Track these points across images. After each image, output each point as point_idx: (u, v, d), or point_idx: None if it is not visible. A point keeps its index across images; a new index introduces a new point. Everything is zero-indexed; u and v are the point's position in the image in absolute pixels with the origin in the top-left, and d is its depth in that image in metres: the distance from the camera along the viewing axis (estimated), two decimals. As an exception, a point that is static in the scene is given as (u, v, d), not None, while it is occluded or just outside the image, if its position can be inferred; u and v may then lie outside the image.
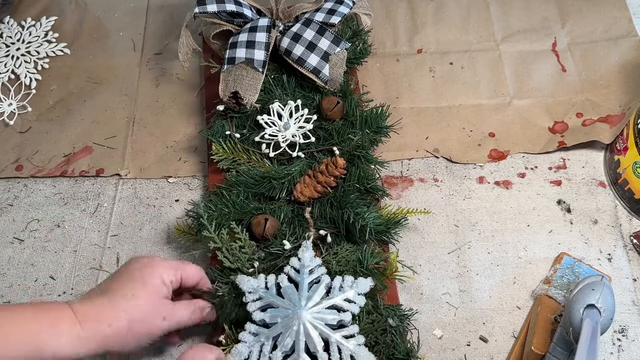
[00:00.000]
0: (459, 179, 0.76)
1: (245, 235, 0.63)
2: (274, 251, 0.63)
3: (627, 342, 0.65)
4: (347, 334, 0.55)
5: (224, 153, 0.69)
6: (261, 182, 0.66)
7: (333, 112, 0.71)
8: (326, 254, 0.63)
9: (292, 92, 0.74)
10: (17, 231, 0.73)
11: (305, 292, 0.57)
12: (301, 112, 0.71)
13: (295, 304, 0.56)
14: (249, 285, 0.58)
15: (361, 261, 0.61)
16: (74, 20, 0.91)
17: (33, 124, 0.82)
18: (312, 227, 0.65)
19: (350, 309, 0.56)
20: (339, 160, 0.65)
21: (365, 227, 0.62)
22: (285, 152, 0.69)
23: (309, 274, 0.58)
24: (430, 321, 0.66)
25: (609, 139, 0.75)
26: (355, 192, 0.66)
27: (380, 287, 0.61)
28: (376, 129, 0.71)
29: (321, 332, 0.55)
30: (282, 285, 0.58)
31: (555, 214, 0.73)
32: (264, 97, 0.73)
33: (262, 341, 0.55)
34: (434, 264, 0.70)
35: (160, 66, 0.86)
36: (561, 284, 0.66)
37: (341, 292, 0.57)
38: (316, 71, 0.72)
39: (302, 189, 0.66)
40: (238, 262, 0.62)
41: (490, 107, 0.81)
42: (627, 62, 0.84)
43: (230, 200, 0.65)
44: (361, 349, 0.54)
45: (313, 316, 0.55)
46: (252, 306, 0.57)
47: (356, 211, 0.63)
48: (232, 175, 0.68)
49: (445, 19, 0.89)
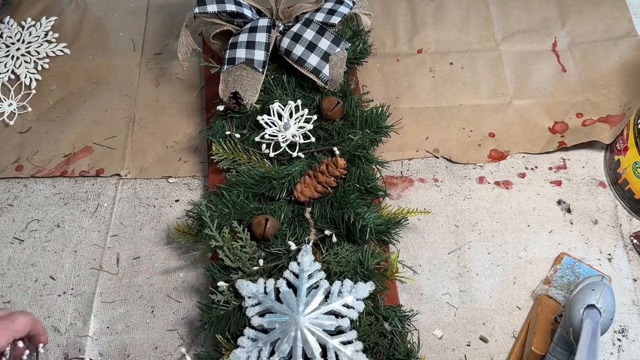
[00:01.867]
0: (459, 179, 0.76)
1: (247, 234, 0.63)
2: (274, 251, 0.63)
3: (627, 342, 0.65)
4: (345, 340, 0.55)
5: (224, 153, 0.69)
6: (261, 182, 0.66)
7: (333, 112, 0.71)
8: (326, 254, 0.63)
9: (292, 92, 0.74)
10: (17, 231, 0.73)
11: (304, 297, 0.57)
12: (301, 112, 0.71)
13: (293, 309, 0.56)
14: (248, 290, 0.58)
15: (362, 262, 0.61)
16: (74, 20, 0.91)
17: (33, 124, 0.82)
18: (312, 227, 0.65)
19: (349, 315, 0.56)
20: (339, 160, 0.65)
21: (366, 227, 0.62)
22: (285, 152, 0.69)
23: (308, 278, 0.58)
24: (430, 321, 0.66)
25: (609, 139, 0.75)
26: (355, 192, 0.67)
27: (381, 288, 0.61)
28: (376, 129, 0.71)
29: (319, 338, 0.55)
30: (281, 290, 0.58)
31: (555, 214, 0.73)
32: (264, 97, 0.73)
33: (260, 346, 0.55)
34: (434, 264, 0.70)
35: (160, 66, 0.86)
36: (561, 284, 0.66)
37: (340, 297, 0.57)
38: (316, 71, 0.72)
39: (302, 189, 0.66)
40: (239, 262, 0.62)
41: (490, 107, 0.81)
42: (627, 62, 0.84)
43: (231, 201, 0.65)
44: (359, 355, 0.54)
45: (311, 322, 0.55)
46: (251, 311, 0.57)
47: (356, 211, 0.63)
48: (232, 175, 0.68)
49: (445, 19, 0.89)
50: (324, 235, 0.64)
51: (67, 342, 0.66)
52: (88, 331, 0.66)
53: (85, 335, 0.66)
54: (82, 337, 0.66)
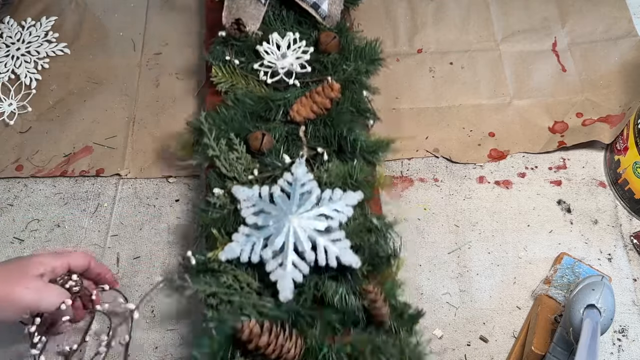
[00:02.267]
0: (459, 178, 0.76)
1: (243, 147, 0.66)
2: (269, 162, 0.65)
3: (627, 342, 0.65)
4: (334, 238, 0.58)
5: (223, 77, 0.71)
6: (258, 102, 0.69)
7: (330, 46, 0.73)
8: (317, 170, 0.65)
9: (291, 28, 0.77)
10: (17, 231, 0.73)
11: (297, 200, 0.60)
12: (299, 44, 0.73)
13: (286, 210, 0.59)
14: (243, 194, 0.61)
15: (351, 175, 0.64)
16: (74, 20, 0.91)
17: (33, 124, 0.82)
18: (305, 145, 0.68)
19: (338, 218, 0.60)
20: (334, 83, 0.68)
21: (357, 141, 0.66)
22: (282, 80, 0.72)
23: (301, 186, 0.62)
24: (430, 321, 0.66)
25: (609, 139, 0.75)
26: (348, 114, 0.69)
27: (368, 197, 0.64)
28: (369, 60, 0.74)
29: (310, 235, 0.58)
30: (275, 194, 0.61)
31: (555, 214, 0.73)
32: (263, 29, 0.76)
33: (253, 241, 0.58)
34: (434, 264, 0.70)
35: (160, 66, 0.86)
36: (561, 284, 0.66)
37: (330, 202, 0.61)
38: (315, 6, 0.75)
39: (298, 108, 0.68)
40: (234, 172, 0.64)
41: (490, 107, 0.81)
42: (627, 62, 0.84)
43: (229, 116, 0.67)
44: (346, 251, 0.58)
45: (303, 221, 0.59)
46: (246, 212, 0.60)
47: (349, 126, 0.67)
48: (230, 96, 0.70)
49: (445, 19, 0.89)
50: (316, 153, 0.67)
51: (67, 342, 0.66)
52: (88, 331, 0.66)
53: (85, 335, 0.66)
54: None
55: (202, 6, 0.90)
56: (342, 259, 0.57)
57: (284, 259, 0.57)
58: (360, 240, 0.60)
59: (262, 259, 0.57)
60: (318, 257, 0.57)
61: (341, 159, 0.67)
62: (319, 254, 0.57)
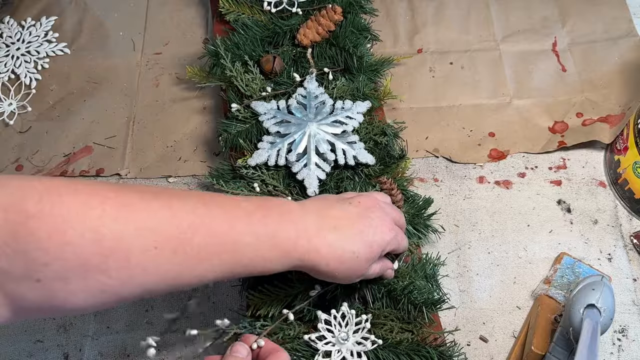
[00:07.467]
0: (459, 178, 0.76)
1: (256, 69, 0.71)
2: (281, 81, 0.70)
3: (627, 342, 0.65)
4: (349, 141, 0.66)
5: (230, 7, 0.76)
6: (266, 28, 0.75)
7: None
8: (326, 89, 0.70)
9: None
10: (17, 231, 0.73)
11: (314, 110, 0.67)
12: None
13: (305, 119, 0.66)
14: (263, 108, 0.67)
15: (358, 89, 0.70)
16: (74, 20, 0.91)
17: (33, 124, 0.82)
18: (313, 66, 0.73)
19: (352, 124, 0.67)
20: (336, 7, 0.73)
21: (362, 57, 0.72)
22: (285, 9, 0.76)
23: (315, 98, 0.68)
24: (430, 321, 0.66)
25: (609, 139, 0.75)
26: (353, 34, 0.74)
27: (376, 105, 0.71)
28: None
29: (329, 139, 0.65)
30: (292, 106, 0.67)
31: (555, 214, 0.73)
32: None
33: (279, 147, 0.65)
34: (434, 264, 0.70)
35: (160, 66, 0.86)
36: (561, 284, 0.66)
37: (343, 111, 0.67)
38: None
39: (305, 31, 0.74)
40: (250, 90, 0.70)
41: (490, 107, 0.81)
42: (627, 62, 0.84)
43: (241, 41, 0.72)
44: (362, 151, 0.65)
45: (321, 127, 0.66)
46: (268, 123, 0.66)
47: (354, 43, 0.73)
48: (238, 24, 0.75)
49: (445, 19, 0.89)
50: (323, 72, 0.72)
51: (67, 342, 0.66)
52: (88, 331, 0.66)
53: (85, 335, 0.66)
54: (82, 337, 0.66)
55: (203, 3, 0.90)
56: (359, 158, 0.65)
57: (307, 160, 0.64)
58: (373, 142, 0.68)
59: (287, 162, 0.64)
60: (337, 157, 0.65)
61: (347, 78, 0.72)
62: (338, 155, 0.65)
